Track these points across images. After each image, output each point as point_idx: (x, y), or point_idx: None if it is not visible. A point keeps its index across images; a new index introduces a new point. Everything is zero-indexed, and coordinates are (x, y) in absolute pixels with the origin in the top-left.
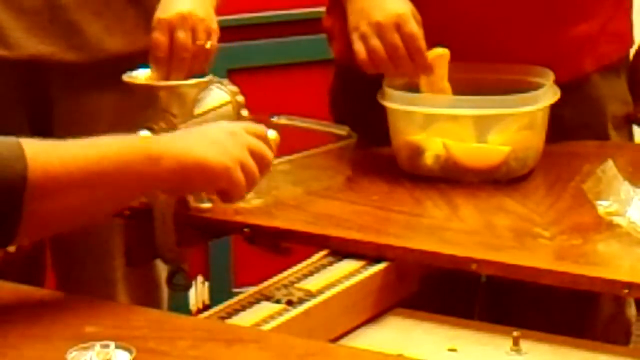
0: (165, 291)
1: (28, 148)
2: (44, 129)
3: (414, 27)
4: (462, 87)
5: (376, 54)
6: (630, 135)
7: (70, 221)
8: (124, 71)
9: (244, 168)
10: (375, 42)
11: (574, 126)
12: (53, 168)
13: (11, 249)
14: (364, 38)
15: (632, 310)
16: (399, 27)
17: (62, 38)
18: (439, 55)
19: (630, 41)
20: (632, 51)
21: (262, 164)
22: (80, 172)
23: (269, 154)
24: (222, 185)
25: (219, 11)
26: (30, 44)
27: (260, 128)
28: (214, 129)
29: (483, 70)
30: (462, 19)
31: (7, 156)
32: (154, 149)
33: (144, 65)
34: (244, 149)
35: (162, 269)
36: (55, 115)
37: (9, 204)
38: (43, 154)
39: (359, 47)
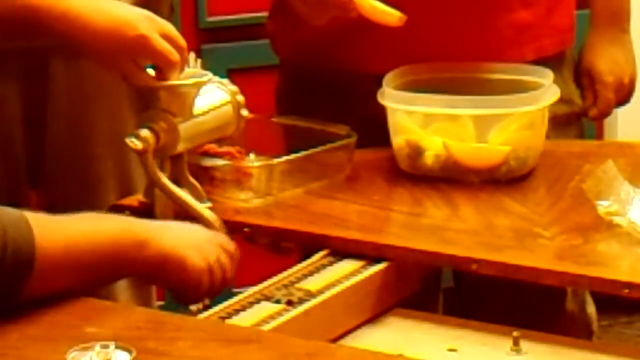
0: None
1: (37, 231)
2: (38, 105)
3: None
4: (462, 87)
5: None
6: (580, 135)
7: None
8: None
9: (211, 277)
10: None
11: None
12: (58, 255)
13: None
14: None
15: (591, 308)
16: None
17: None
18: None
19: (571, 38)
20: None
21: (224, 280)
22: (79, 259)
23: (230, 274)
24: (191, 285)
25: (219, 11)
26: None
27: (232, 247)
28: (196, 232)
29: (483, 70)
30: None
31: (16, 238)
32: (142, 236)
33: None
34: (216, 261)
35: None
36: (51, 92)
37: (9, 288)
38: (49, 236)
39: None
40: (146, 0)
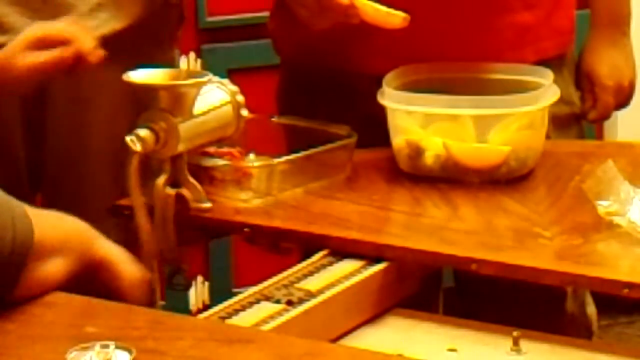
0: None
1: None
2: (37, 107)
3: None
4: (462, 87)
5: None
6: (580, 135)
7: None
8: (121, 50)
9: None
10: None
11: None
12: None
13: None
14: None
15: (591, 309)
16: None
17: (55, 18)
18: None
19: (571, 40)
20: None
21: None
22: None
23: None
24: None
25: (219, 11)
26: (24, 26)
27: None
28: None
29: (483, 70)
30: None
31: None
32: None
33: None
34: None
35: None
36: (50, 94)
37: (10, 279)
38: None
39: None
40: (152, 11)
